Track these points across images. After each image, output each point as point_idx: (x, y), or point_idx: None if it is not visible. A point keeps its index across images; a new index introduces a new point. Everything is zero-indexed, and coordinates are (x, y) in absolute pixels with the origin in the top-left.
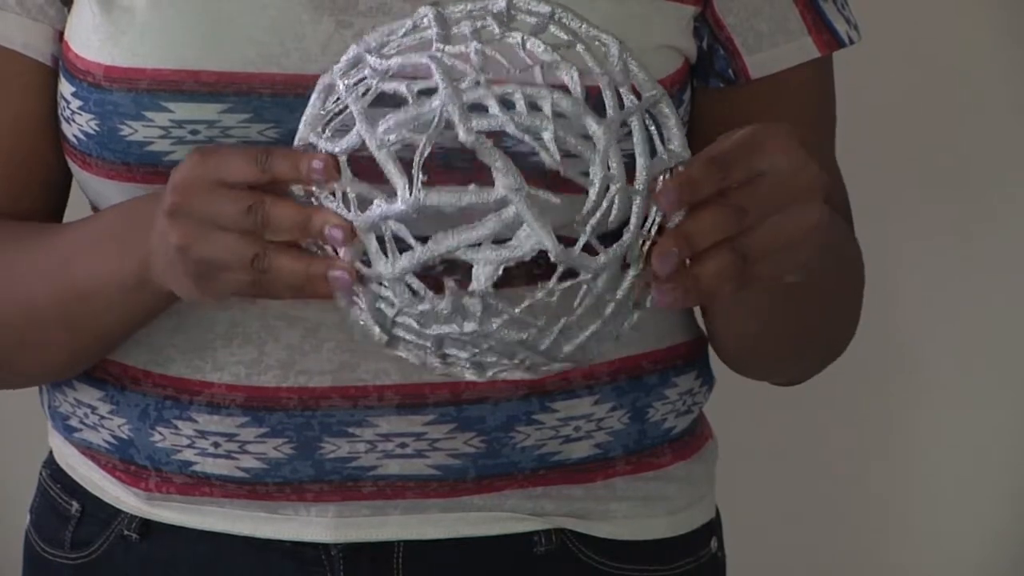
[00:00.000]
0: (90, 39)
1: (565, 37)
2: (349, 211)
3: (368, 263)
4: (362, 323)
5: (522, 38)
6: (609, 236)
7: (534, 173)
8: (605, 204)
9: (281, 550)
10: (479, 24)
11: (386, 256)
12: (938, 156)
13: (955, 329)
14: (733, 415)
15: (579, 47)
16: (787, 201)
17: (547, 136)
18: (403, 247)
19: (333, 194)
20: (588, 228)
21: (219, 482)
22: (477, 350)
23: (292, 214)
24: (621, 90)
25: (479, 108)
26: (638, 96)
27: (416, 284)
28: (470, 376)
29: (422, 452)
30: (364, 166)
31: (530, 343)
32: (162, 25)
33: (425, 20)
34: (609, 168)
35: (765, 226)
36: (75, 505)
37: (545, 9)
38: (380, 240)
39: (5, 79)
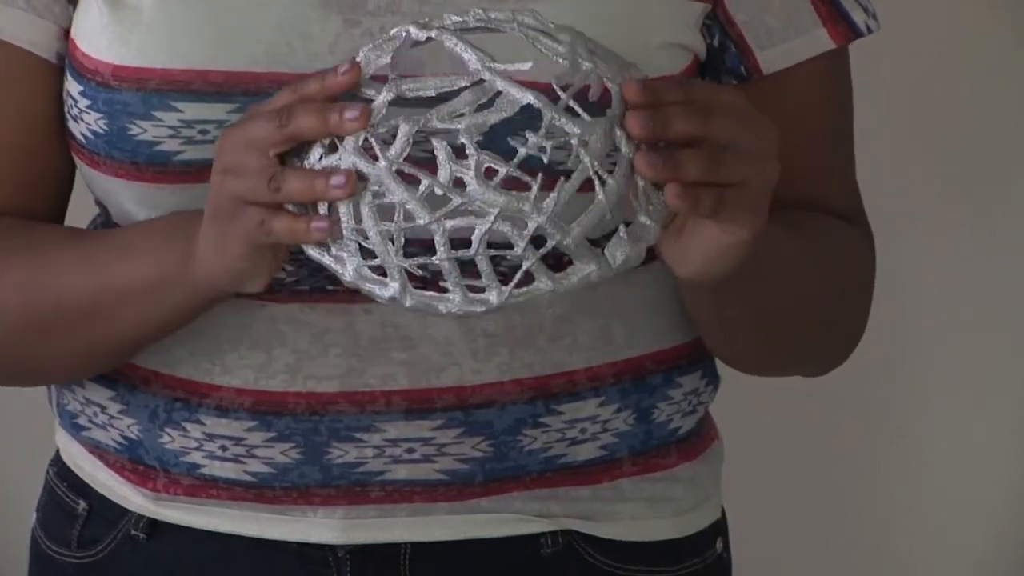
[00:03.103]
0: (98, 38)
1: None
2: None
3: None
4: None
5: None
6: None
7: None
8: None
9: (288, 551)
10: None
11: (374, 158)
12: (947, 149)
13: (961, 333)
14: (739, 416)
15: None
16: (751, 133)
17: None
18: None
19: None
20: (567, 96)
21: (226, 485)
22: (485, 224)
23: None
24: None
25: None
26: None
27: (410, 169)
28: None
29: (430, 457)
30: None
31: (533, 206)
32: (169, 24)
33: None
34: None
35: (737, 149)
36: (82, 504)
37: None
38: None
39: (10, 76)
